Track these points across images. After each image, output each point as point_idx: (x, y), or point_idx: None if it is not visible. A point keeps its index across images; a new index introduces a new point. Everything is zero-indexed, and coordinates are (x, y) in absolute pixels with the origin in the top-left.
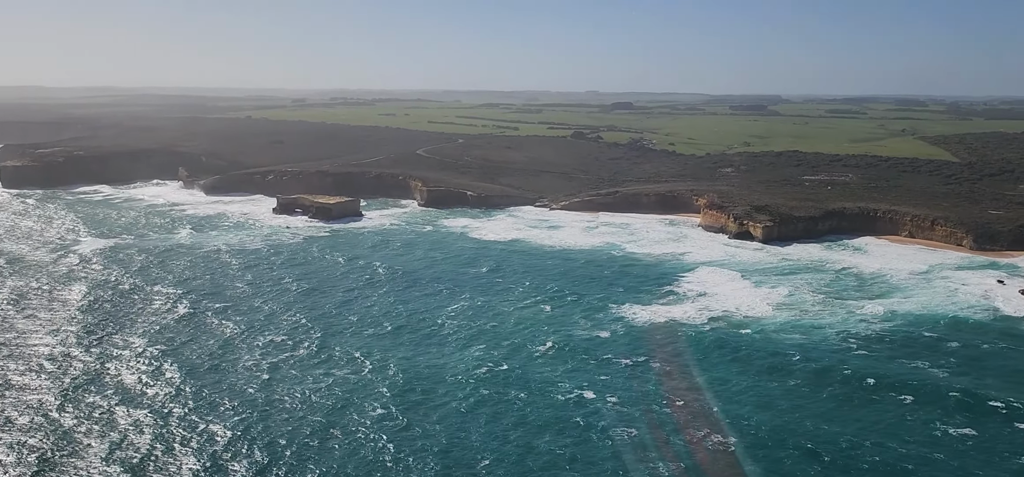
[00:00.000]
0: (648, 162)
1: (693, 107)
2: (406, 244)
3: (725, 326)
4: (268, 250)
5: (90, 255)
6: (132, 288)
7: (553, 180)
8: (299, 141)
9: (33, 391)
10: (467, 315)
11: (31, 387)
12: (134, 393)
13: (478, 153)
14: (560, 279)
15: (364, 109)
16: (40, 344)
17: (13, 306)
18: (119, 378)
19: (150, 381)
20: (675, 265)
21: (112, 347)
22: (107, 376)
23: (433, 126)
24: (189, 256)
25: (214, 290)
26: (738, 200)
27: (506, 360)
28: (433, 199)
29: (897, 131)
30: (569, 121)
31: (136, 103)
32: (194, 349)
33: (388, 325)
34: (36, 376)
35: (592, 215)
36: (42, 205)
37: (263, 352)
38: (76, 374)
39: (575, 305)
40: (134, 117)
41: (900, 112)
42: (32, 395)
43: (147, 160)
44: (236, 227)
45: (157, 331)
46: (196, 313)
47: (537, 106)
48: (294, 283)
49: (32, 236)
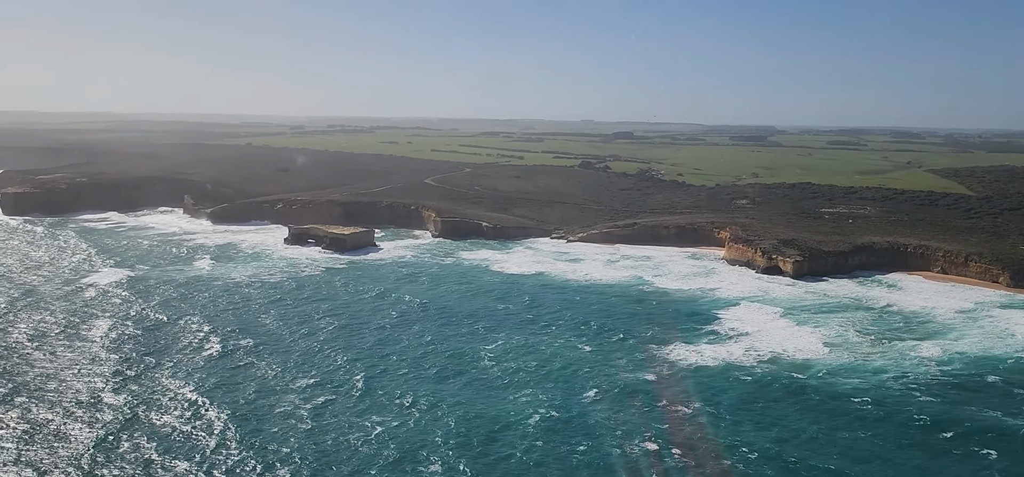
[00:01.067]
0: (659, 192)
1: (693, 137)
2: (432, 278)
3: (778, 369)
4: (290, 283)
5: (108, 287)
6: (157, 324)
7: (566, 211)
8: (304, 169)
9: (64, 439)
10: (508, 355)
11: (62, 434)
12: (173, 442)
13: (487, 183)
14: (594, 315)
15: (364, 137)
16: (68, 386)
17: (34, 343)
18: (156, 425)
19: (189, 429)
20: (709, 301)
21: (145, 389)
22: (143, 423)
23: (437, 155)
24: (210, 289)
25: (242, 326)
26: (762, 233)
27: (558, 406)
28: (447, 230)
29: (902, 164)
30: (571, 150)
31: (132, 129)
32: (231, 392)
33: (430, 366)
34: (67, 421)
35: (611, 247)
36: (52, 233)
37: (303, 396)
38: (109, 420)
39: (615, 344)
40: (132, 143)
41: (899, 144)
42: (64, 444)
43: (152, 187)
44: (251, 258)
45: (190, 372)
46: (228, 351)
47: (537, 135)
48: (324, 319)
49: (45, 266)
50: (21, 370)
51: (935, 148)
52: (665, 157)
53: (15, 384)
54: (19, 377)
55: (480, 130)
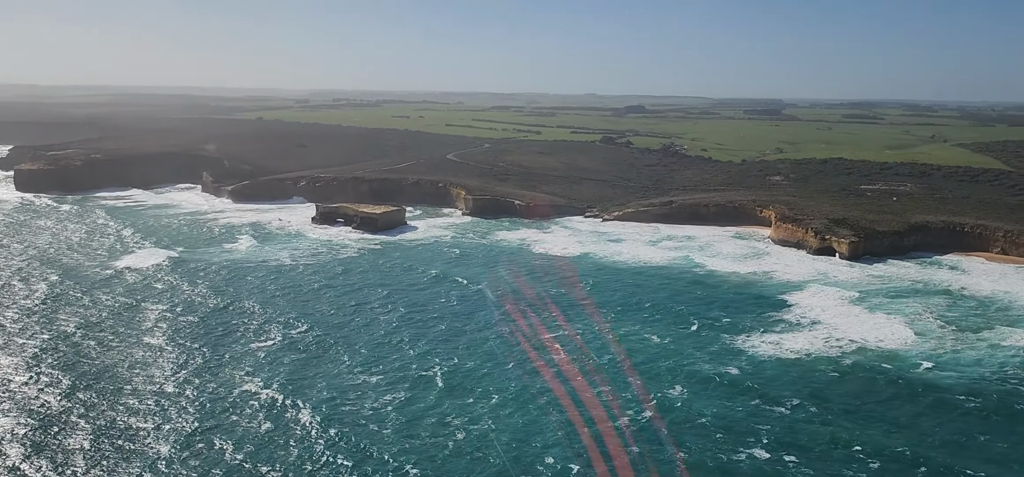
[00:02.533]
0: (687, 168)
1: (706, 111)
2: (480, 260)
3: (866, 361)
4: (335, 265)
5: (150, 270)
6: (210, 310)
7: (596, 188)
8: (321, 144)
9: (135, 439)
10: (586, 344)
11: (133, 434)
12: (255, 445)
13: (511, 159)
14: (654, 302)
15: (373, 111)
16: (130, 379)
17: (85, 332)
18: (233, 425)
19: (270, 430)
20: (771, 285)
21: (213, 383)
22: (219, 422)
23: (451, 129)
24: (254, 272)
25: (299, 313)
26: (810, 212)
27: (652, 404)
28: (478, 208)
29: (926, 137)
30: (585, 124)
31: (134, 103)
32: (307, 388)
33: (507, 358)
34: (135, 419)
35: (651, 227)
36: (78, 212)
37: (384, 391)
38: (181, 419)
39: (687, 334)
40: (140, 118)
41: (914, 118)
42: (136, 446)
43: (168, 164)
44: (286, 239)
45: (257, 365)
46: (291, 341)
47: (549, 109)
48: (381, 305)
49: (80, 247)
50: (77, 363)
51: (953, 121)
52: (683, 132)
53: (74, 378)
54: (77, 370)
55: (485, 104)
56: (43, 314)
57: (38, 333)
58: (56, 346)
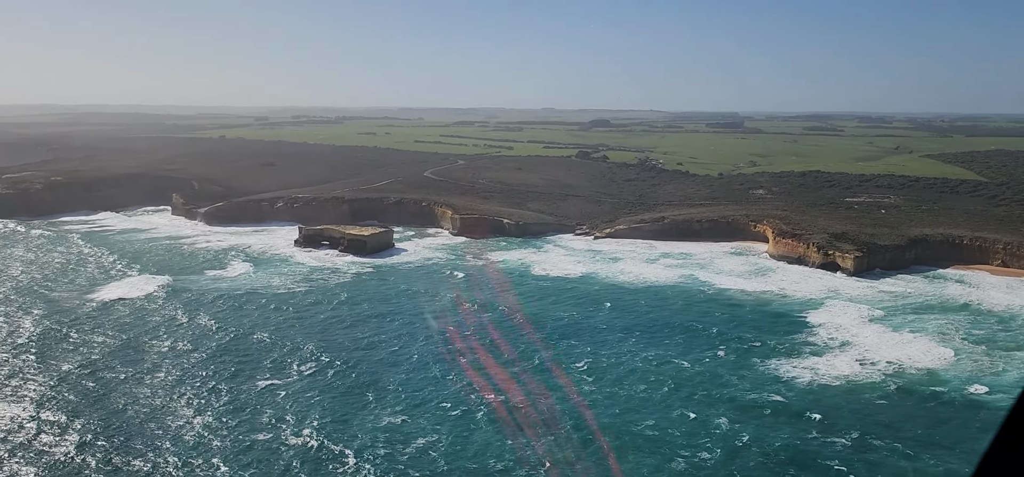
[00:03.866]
0: (668, 183)
1: (671, 124)
2: (487, 284)
3: (911, 384)
4: (338, 290)
5: (143, 301)
6: (222, 343)
7: (581, 205)
8: (291, 163)
9: None
10: (609, 377)
11: None
12: None
13: (490, 175)
14: (670, 324)
15: (336, 128)
16: (150, 424)
17: (89, 370)
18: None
19: None
20: (784, 303)
21: (249, 430)
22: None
23: (421, 146)
24: (255, 298)
25: (318, 343)
26: (807, 227)
27: (708, 441)
28: (466, 227)
29: (890, 148)
30: (554, 139)
31: (85, 122)
32: (355, 431)
33: (560, 392)
34: (170, 473)
35: (645, 244)
36: (49, 237)
37: (435, 429)
38: (221, 472)
39: (715, 359)
40: (96, 137)
41: (872, 129)
42: None
43: (134, 185)
44: (273, 263)
45: (293, 404)
46: (317, 375)
47: (515, 124)
48: (399, 335)
49: (62, 276)
50: (83, 408)
51: (909, 132)
52: (653, 145)
53: (83, 426)
54: (84, 416)
55: (445, 120)
56: (35, 353)
57: (33, 375)
58: (57, 390)
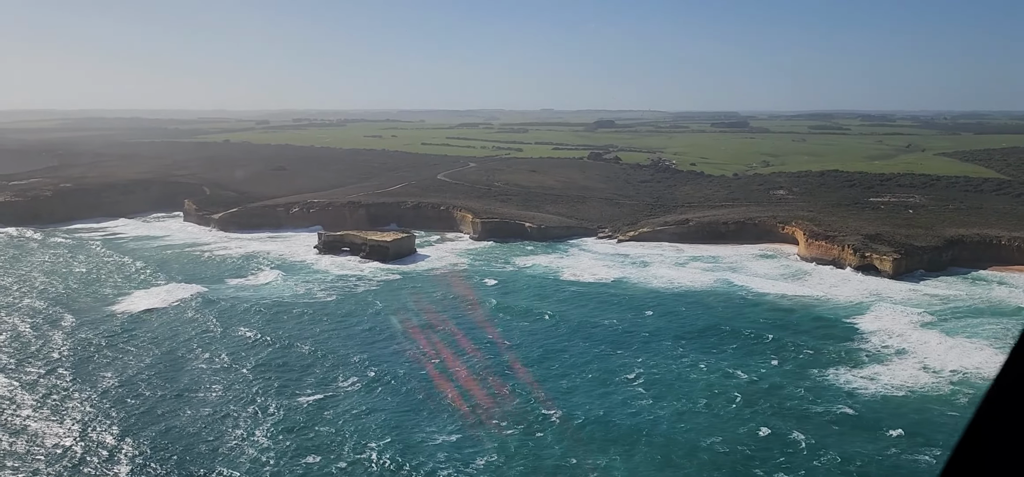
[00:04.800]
0: (684, 184)
1: (676, 125)
2: (524, 289)
3: (982, 396)
4: (372, 298)
5: (175, 310)
6: (267, 356)
7: (601, 207)
8: (301, 168)
9: None
10: (658, 386)
11: None
12: None
13: (504, 178)
14: (716, 332)
15: (340, 131)
16: (209, 442)
17: (130, 386)
18: None
19: None
20: (828, 308)
21: (320, 450)
22: None
23: (429, 149)
24: (291, 308)
25: (369, 354)
26: (838, 228)
27: (784, 461)
28: (487, 232)
29: (902, 147)
30: (560, 140)
31: (86, 127)
32: (429, 449)
33: (609, 405)
34: None
35: (672, 247)
36: (70, 245)
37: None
38: None
39: (768, 368)
40: (100, 143)
41: (878, 128)
42: None
43: (144, 192)
44: (301, 269)
45: (356, 419)
46: (375, 386)
47: (519, 126)
48: (450, 347)
49: (86, 286)
50: (136, 430)
51: (915, 130)
52: (662, 146)
53: (136, 447)
54: (135, 434)
55: (446, 122)
56: (70, 368)
57: (73, 393)
58: (100, 408)
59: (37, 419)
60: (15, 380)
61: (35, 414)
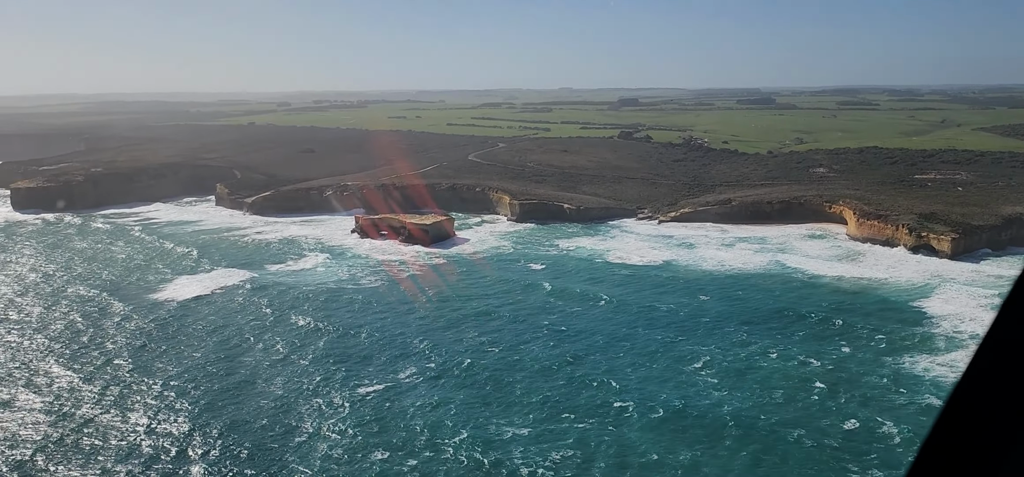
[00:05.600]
0: (719, 163)
1: (701, 102)
2: (575, 273)
3: None
4: (423, 283)
5: (222, 295)
6: (330, 342)
7: (638, 187)
8: (328, 150)
9: None
10: (732, 373)
11: None
12: None
13: (536, 158)
14: (779, 317)
15: (363, 112)
16: (279, 436)
17: (195, 377)
18: None
19: None
20: (890, 291)
21: (391, 449)
22: None
23: (455, 129)
24: (343, 292)
25: (429, 341)
26: (889, 207)
27: (875, 458)
28: (525, 213)
29: (937, 123)
30: (587, 119)
31: (110, 111)
32: (502, 441)
33: (705, 396)
34: None
35: (716, 228)
36: (110, 230)
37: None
38: None
39: (842, 356)
40: (125, 127)
41: (908, 103)
42: None
43: (173, 176)
44: (344, 253)
45: (428, 408)
46: (449, 370)
47: (542, 105)
48: (511, 331)
49: (131, 271)
50: (204, 423)
51: (945, 105)
52: (690, 124)
53: (215, 445)
54: (210, 432)
55: (466, 102)
56: (126, 358)
57: (135, 384)
58: (164, 401)
59: (101, 413)
60: (73, 371)
61: (98, 407)
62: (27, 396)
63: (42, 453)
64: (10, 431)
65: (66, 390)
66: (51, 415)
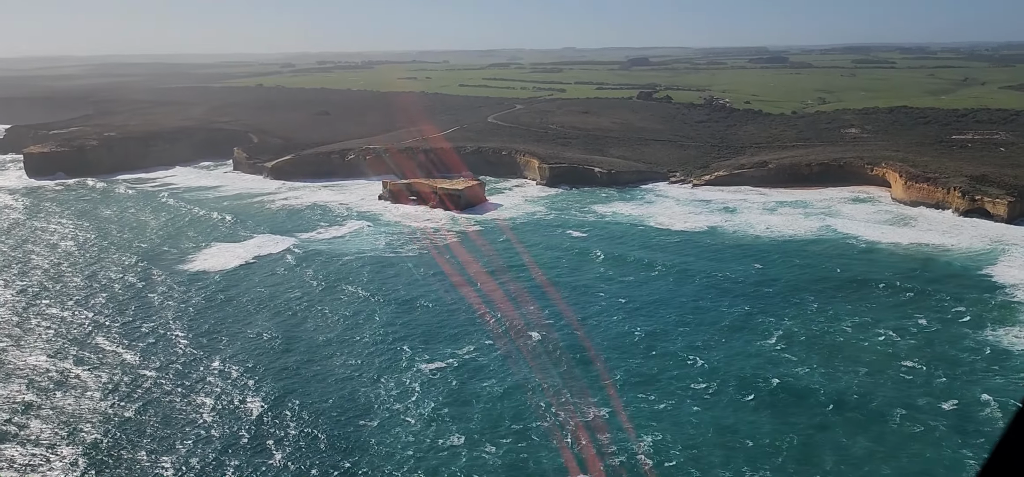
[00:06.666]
0: (744, 124)
1: (713, 61)
2: (624, 239)
3: None
4: (461, 250)
5: (273, 264)
6: (393, 315)
7: (666, 150)
8: (342, 112)
9: None
10: (823, 346)
11: None
12: None
13: (558, 120)
14: (844, 289)
15: (371, 73)
16: (367, 414)
17: (266, 349)
18: None
19: None
20: (953, 257)
21: (484, 429)
22: None
23: (467, 91)
24: (387, 261)
25: (497, 311)
26: (935, 169)
27: (982, 440)
28: (556, 177)
29: (959, 81)
30: (600, 79)
31: (110, 73)
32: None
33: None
34: None
35: (753, 191)
36: (133, 196)
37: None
38: None
39: (922, 331)
40: (133, 89)
41: (925, 60)
42: None
43: (188, 139)
44: (372, 219)
45: (507, 382)
46: (529, 355)
47: (551, 65)
48: (580, 302)
49: (166, 239)
50: (289, 400)
51: (963, 63)
52: (707, 84)
53: (304, 423)
54: (301, 411)
55: (471, 63)
56: (181, 331)
57: (192, 359)
58: (227, 377)
59: (163, 393)
60: (126, 348)
61: (159, 387)
62: (81, 373)
63: (108, 436)
64: (68, 411)
65: (121, 367)
66: (111, 395)
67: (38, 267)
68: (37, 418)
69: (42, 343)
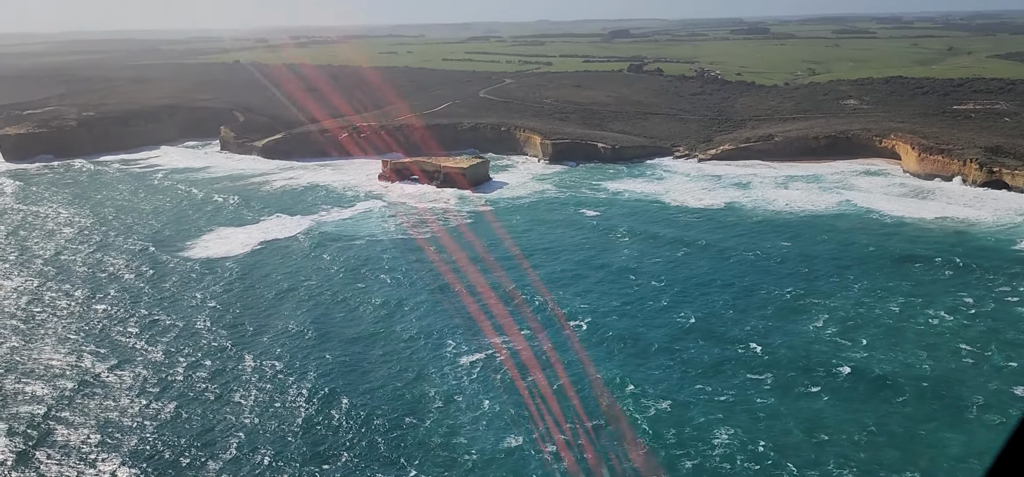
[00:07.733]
0: (740, 96)
1: (694, 33)
2: (627, 216)
3: None
4: (478, 232)
5: (290, 244)
6: (430, 302)
7: (665, 123)
8: (330, 89)
9: None
10: (869, 330)
11: None
12: None
13: (551, 94)
14: (879, 267)
15: (347, 48)
16: (423, 405)
17: (303, 341)
18: None
19: None
20: (983, 232)
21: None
22: None
23: (451, 64)
24: (407, 244)
25: (534, 294)
26: (948, 140)
27: None
28: (558, 154)
29: (945, 50)
30: (584, 52)
31: (78, 50)
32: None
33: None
34: None
35: (762, 165)
36: (125, 176)
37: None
38: None
39: (963, 307)
40: (105, 67)
41: (905, 31)
42: None
43: (170, 119)
44: (378, 201)
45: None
46: (581, 342)
47: (534, 38)
48: (613, 283)
49: (171, 223)
50: (338, 391)
51: (943, 32)
52: (694, 55)
53: (358, 413)
54: (355, 400)
55: (448, 36)
56: (205, 322)
57: (223, 354)
58: (261, 373)
59: (198, 390)
60: (148, 342)
61: (192, 384)
62: (103, 372)
63: (146, 442)
64: (98, 415)
65: (146, 364)
66: (140, 395)
67: (38, 256)
68: (63, 423)
69: (55, 339)
